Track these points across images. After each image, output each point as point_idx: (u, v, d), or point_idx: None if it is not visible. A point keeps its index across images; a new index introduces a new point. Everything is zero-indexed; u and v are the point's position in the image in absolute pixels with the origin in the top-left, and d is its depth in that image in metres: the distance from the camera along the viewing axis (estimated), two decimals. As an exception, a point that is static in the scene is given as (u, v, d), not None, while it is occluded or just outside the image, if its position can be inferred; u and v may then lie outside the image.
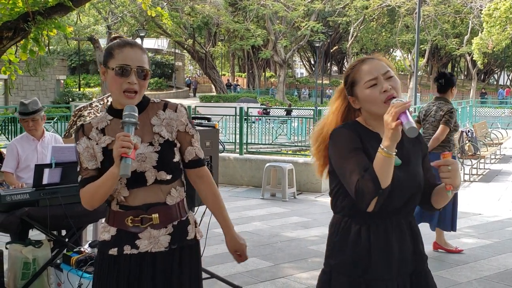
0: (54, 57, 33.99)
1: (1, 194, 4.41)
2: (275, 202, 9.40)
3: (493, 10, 29.54)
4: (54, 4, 9.03)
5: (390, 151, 2.06)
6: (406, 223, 2.26)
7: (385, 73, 2.22)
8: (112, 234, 2.42)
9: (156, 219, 2.38)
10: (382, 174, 2.08)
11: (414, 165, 2.26)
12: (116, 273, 2.39)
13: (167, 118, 2.43)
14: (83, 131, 2.42)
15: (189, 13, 40.55)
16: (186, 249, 2.47)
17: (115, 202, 2.41)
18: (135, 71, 2.34)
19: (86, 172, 2.39)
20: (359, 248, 2.20)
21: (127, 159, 2.15)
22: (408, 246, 2.24)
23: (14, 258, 4.68)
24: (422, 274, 2.26)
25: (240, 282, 5.19)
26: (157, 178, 2.37)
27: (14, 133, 10.15)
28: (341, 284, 2.23)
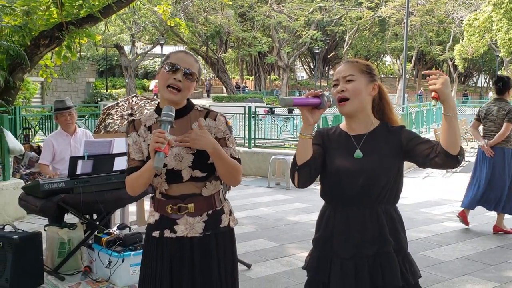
0: (84, 62, 34.02)
1: (40, 183, 4.45)
2: (279, 190, 9.39)
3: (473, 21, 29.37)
4: (85, 15, 9.07)
5: (304, 133, 2.17)
6: (370, 210, 2.23)
7: (345, 77, 2.26)
8: (156, 219, 2.45)
9: (191, 208, 2.40)
10: (298, 152, 2.21)
11: (377, 157, 2.22)
12: (160, 253, 2.42)
13: (206, 125, 2.40)
14: (134, 126, 2.44)
15: (203, 23, 40.45)
16: (220, 235, 2.45)
17: (159, 191, 2.44)
18: (182, 71, 2.34)
19: (132, 162, 2.42)
20: (328, 229, 2.30)
21: (160, 153, 2.15)
22: (369, 231, 2.22)
23: (51, 239, 4.72)
24: (385, 257, 2.21)
25: (249, 260, 5.20)
26: (192, 175, 2.38)
27: (50, 129, 10.17)
28: (314, 259, 2.35)
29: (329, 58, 59.46)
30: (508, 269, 5.11)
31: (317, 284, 2.32)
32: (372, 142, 2.26)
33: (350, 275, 2.21)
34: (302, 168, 2.21)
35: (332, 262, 2.26)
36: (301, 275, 4.87)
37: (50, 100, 27.91)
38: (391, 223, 2.26)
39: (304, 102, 2.13)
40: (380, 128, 2.30)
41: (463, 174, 11.61)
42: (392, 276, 2.19)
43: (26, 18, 8.78)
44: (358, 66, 2.29)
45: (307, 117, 2.14)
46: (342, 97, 2.24)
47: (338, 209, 2.29)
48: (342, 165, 2.25)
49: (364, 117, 2.30)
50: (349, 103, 2.24)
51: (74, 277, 4.55)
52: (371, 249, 2.22)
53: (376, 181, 2.21)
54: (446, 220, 7.11)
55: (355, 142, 2.28)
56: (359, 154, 2.25)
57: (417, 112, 15.07)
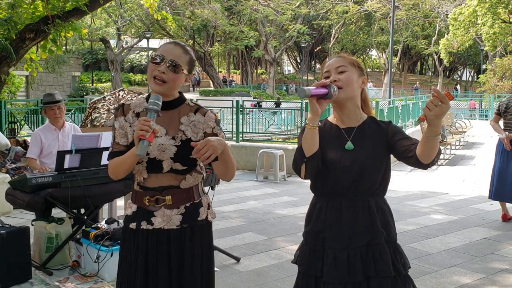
0: (69, 55, 33.65)
1: (27, 177, 4.40)
2: (267, 184, 9.40)
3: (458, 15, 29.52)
4: (71, 9, 8.96)
5: (312, 123, 2.19)
6: (362, 202, 2.27)
7: (337, 67, 2.31)
8: (133, 210, 2.44)
9: (169, 200, 2.38)
10: (305, 143, 2.21)
11: (368, 150, 2.27)
12: (136, 244, 2.41)
13: (195, 120, 2.40)
14: (123, 110, 2.43)
15: (190, 17, 40.25)
16: (197, 229, 2.44)
17: (136, 183, 2.43)
18: (167, 62, 2.31)
19: (117, 146, 2.40)
20: (319, 221, 2.31)
21: (144, 141, 2.14)
22: (361, 222, 2.25)
23: (39, 234, 4.68)
24: (376, 247, 2.24)
25: (238, 253, 5.20)
26: (172, 167, 2.37)
27: (36, 123, 10.07)
28: (305, 253, 2.36)
29: (316, 52, 59.52)
30: (495, 261, 5.17)
31: (309, 278, 2.33)
32: (362, 135, 2.31)
33: (342, 266, 2.22)
34: (311, 159, 2.22)
35: (324, 254, 2.27)
36: (290, 268, 4.88)
37: (35, 94, 27.64)
38: (382, 215, 2.30)
39: (317, 93, 2.16)
40: (368, 122, 2.36)
41: (449, 167, 11.72)
42: (384, 266, 2.22)
43: (12, 11, 8.65)
44: (349, 60, 2.34)
45: (316, 107, 2.17)
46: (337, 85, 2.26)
47: (330, 201, 2.31)
48: (335, 157, 2.28)
49: (354, 109, 2.34)
50: (343, 91, 2.27)
51: (62, 272, 4.51)
52: (363, 239, 2.25)
53: (368, 172, 2.25)
54: (432, 212, 7.17)
55: (346, 134, 2.32)
56: (350, 145, 2.29)
57: (403, 105, 15.14)
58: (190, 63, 2.41)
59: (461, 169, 11.42)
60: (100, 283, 4.29)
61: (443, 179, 10.10)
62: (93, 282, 4.30)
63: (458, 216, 6.98)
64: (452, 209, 7.41)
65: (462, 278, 4.67)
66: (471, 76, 64.67)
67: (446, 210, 7.37)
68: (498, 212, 6.99)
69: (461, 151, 14.48)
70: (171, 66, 2.32)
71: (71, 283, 4.30)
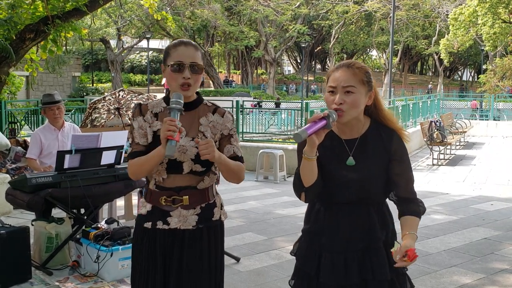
0: (70, 56, 33.66)
1: (27, 177, 4.40)
2: (267, 184, 9.40)
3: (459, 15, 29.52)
4: (71, 9, 8.96)
5: (309, 155, 2.11)
6: (362, 210, 2.23)
7: (345, 87, 2.16)
8: (148, 210, 2.44)
9: (186, 201, 2.39)
10: (304, 174, 2.16)
11: (369, 167, 2.21)
12: (150, 244, 2.40)
13: (214, 121, 2.42)
14: (140, 110, 2.42)
15: (190, 17, 40.29)
16: (212, 229, 2.46)
17: (153, 182, 2.42)
18: (189, 67, 2.32)
19: (136, 147, 2.39)
20: (318, 223, 2.29)
21: (172, 141, 2.16)
22: (360, 227, 2.22)
23: (39, 234, 4.68)
24: (374, 251, 2.22)
25: (238, 253, 5.20)
26: (192, 169, 2.37)
27: (36, 123, 10.07)
28: (303, 248, 2.36)
29: (316, 52, 59.52)
30: (495, 261, 5.17)
31: (303, 275, 2.34)
32: (364, 147, 2.24)
33: (340, 269, 2.22)
34: (310, 188, 2.18)
35: (320, 255, 2.27)
36: (290, 268, 4.86)
37: (35, 94, 27.64)
38: (382, 218, 2.27)
39: (316, 129, 2.05)
40: (371, 131, 2.27)
41: (449, 167, 11.72)
42: (380, 270, 2.21)
43: (12, 12, 8.65)
44: (359, 76, 2.18)
45: (313, 139, 2.06)
46: (339, 109, 2.15)
47: (328, 206, 2.28)
48: (335, 172, 2.22)
49: (357, 122, 2.25)
50: (347, 115, 2.16)
51: (62, 272, 4.52)
52: (361, 244, 2.23)
53: (369, 189, 2.21)
54: (433, 212, 7.17)
55: (348, 147, 2.25)
56: (352, 161, 2.22)
57: (403, 105, 15.15)
58: (203, 58, 2.44)
59: (461, 169, 11.42)
60: (100, 283, 4.29)
61: (443, 179, 10.10)
62: (93, 282, 4.31)
63: (458, 216, 6.98)
64: (452, 209, 7.41)
65: (462, 278, 4.67)
66: (472, 76, 64.67)
67: (446, 210, 7.37)
68: (498, 212, 6.99)
69: (462, 151, 14.48)
70: (193, 68, 2.33)
71: (71, 283, 4.30)
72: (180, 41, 2.41)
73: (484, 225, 6.54)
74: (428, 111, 18.74)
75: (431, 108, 19.52)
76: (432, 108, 19.66)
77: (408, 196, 2.27)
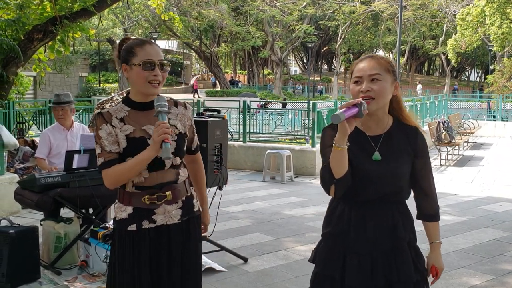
0: (77, 56, 33.78)
1: (36, 177, 4.42)
2: (274, 184, 9.39)
3: (466, 15, 29.43)
4: (78, 9, 9.00)
5: (340, 144, 2.06)
6: (386, 208, 2.22)
7: (371, 75, 2.15)
8: (129, 213, 2.41)
9: (169, 196, 2.42)
10: (334, 165, 2.10)
11: (395, 162, 2.20)
12: (137, 247, 2.39)
13: (180, 113, 2.50)
14: (104, 118, 2.39)
15: (196, 17, 40.29)
16: (193, 219, 2.53)
17: (131, 185, 2.40)
18: (158, 65, 2.38)
19: (110, 155, 2.36)
20: (341, 224, 2.25)
21: (167, 144, 2.23)
22: (385, 228, 2.20)
23: (48, 233, 4.69)
24: (399, 252, 2.21)
25: (246, 254, 5.20)
26: (173, 163, 2.42)
27: (44, 123, 10.10)
28: (325, 251, 2.31)
29: (322, 52, 59.46)
30: (504, 262, 5.14)
31: (324, 279, 2.28)
32: (389, 143, 2.23)
33: (366, 270, 2.19)
34: (340, 181, 2.13)
35: (344, 257, 2.23)
36: (298, 269, 4.88)
37: (43, 94, 27.77)
38: (405, 219, 2.27)
39: (350, 114, 2.02)
40: (395, 127, 2.27)
41: (457, 168, 11.67)
42: (405, 272, 2.19)
43: (20, 12, 8.70)
44: (384, 64, 2.18)
45: (345, 127, 2.03)
46: (367, 97, 2.13)
47: (352, 206, 2.24)
48: (361, 167, 2.18)
49: (382, 116, 2.24)
50: (374, 103, 2.15)
51: (71, 272, 4.53)
52: (386, 244, 2.21)
53: (394, 184, 2.21)
54: (441, 213, 7.09)
55: (373, 143, 2.23)
56: (378, 156, 2.21)
57: (411, 106, 15.11)
58: None
59: (469, 170, 11.37)
60: (108, 283, 4.30)
61: (451, 180, 10.06)
62: (102, 282, 4.31)
63: (466, 217, 6.95)
64: (460, 210, 7.38)
65: (471, 280, 4.65)
66: (479, 77, 64.41)
67: (454, 211, 7.34)
68: (507, 213, 6.96)
69: (470, 152, 14.42)
70: (162, 67, 2.40)
71: (80, 282, 4.31)
72: (143, 40, 2.45)
73: (493, 226, 6.51)
74: (436, 111, 18.68)
75: (439, 108, 19.45)
76: (439, 108, 19.60)
77: (428, 193, 2.34)
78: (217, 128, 4.81)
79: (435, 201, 2.36)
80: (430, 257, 2.36)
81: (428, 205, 2.35)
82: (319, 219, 6.96)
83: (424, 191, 2.33)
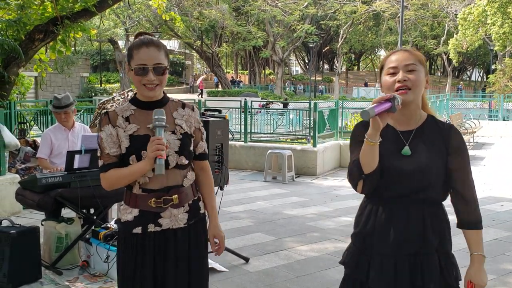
0: (78, 56, 33.84)
1: (37, 178, 4.43)
2: (276, 184, 9.39)
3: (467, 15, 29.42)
4: (80, 10, 9.00)
5: (372, 139, 2.03)
6: (416, 209, 2.13)
7: (406, 65, 2.13)
8: (134, 215, 2.38)
9: (176, 199, 2.38)
10: (365, 160, 2.07)
11: (424, 157, 2.12)
12: (142, 249, 2.36)
13: (186, 115, 2.47)
14: (109, 118, 2.38)
15: (198, 18, 40.33)
16: (199, 222, 2.50)
17: (137, 186, 2.37)
18: (152, 69, 2.31)
19: (108, 158, 2.35)
20: (369, 225, 2.19)
21: (161, 160, 2.20)
22: (412, 230, 2.11)
23: (49, 233, 4.70)
24: (425, 257, 2.11)
25: (247, 253, 5.20)
26: (178, 162, 2.38)
27: (45, 124, 10.10)
28: (353, 251, 2.26)
29: (324, 52, 59.44)
30: (505, 262, 5.13)
31: (354, 282, 2.24)
32: (421, 139, 2.16)
33: (389, 273, 2.12)
34: (370, 176, 2.09)
35: (371, 258, 2.17)
36: (299, 269, 4.88)
37: (44, 95, 27.77)
38: (437, 223, 2.16)
39: (381, 110, 1.99)
40: (428, 123, 2.20)
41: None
42: (431, 278, 2.11)
43: (21, 12, 8.70)
44: (418, 56, 2.17)
45: (378, 122, 2.00)
46: (404, 86, 2.11)
47: (380, 206, 2.18)
48: (389, 162, 2.13)
49: (416, 110, 2.19)
50: (411, 93, 2.11)
51: (72, 272, 4.54)
52: (412, 247, 2.12)
53: (424, 180, 2.11)
54: (442, 213, 7.13)
55: (403, 138, 2.17)
56: (408, 151, 2.14)
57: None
58: (167, 55, 2.40)
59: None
60: (109, 283, 4.30)
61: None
62: (103, 282, 4.32)
63: (468, 217, 6.93)
64: (462, 210, 7.36)
65: (472, 279, 4.63)
66: (481, 77, 64.36)
67: (456, 210, 7.32)
68: (508, 213, 6.95)
69: (471, 152, 14.40)
70: (157, 70, 2.33)
71: (81, 282, 4.32)
72: (141, 41, 2.35)
73: (495, 226, 6.50)
74: (437, 111, 18.66)
75: (440, 108, 19.44)
76: (441, 108, 19.58)
77: (466, 197, 2.18)
78: (218, 128, 4.82)
79: (474, 207, 2.20)
80: (468, 271, 2.21)
81: (466, 211, 2.19)
82: (321, 219, 6.98)
83: (461, 194, 2.18)
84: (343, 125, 12.84)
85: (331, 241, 5.84)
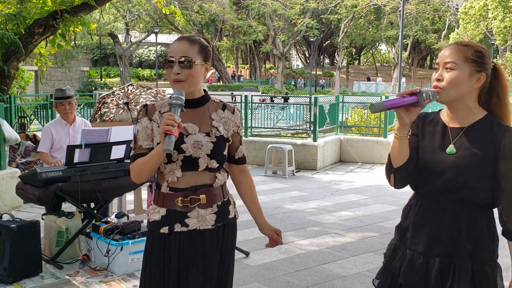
0: (78, 50, 33.83)
1: (37, 172, 4.43)
2: (276, 179, 9.41)
3: (469, 9, 29.39)
4: (79, 4, 8.98)
5: (399, 133, 2.01)
6: (452, 211, 2.05)
7: (446, 62, 2.04)
8: (162, 215, 2.34)
9: (203, 199, 2.32)
10: (393, 154, 2.07)
11: (468, 156, 2.02)
12: (168, 249, 2.32)
13: (225, 117, 2.40)
14: (146, 111, 2.35)
15: (198, 11, 40.29)
16: (228, 227, 2.44)
17: (166, 185, 2.33)
18: (177, 62, 2.27)
19: (139, 149, 2.32)
20: (408, 219, 2.18)
21: (171, 136, 2.09)
22: (446, 231, 2.05)
23: (49, 228, 4.71)
24: (458, 261, 2.02)
25: (247, 248, 5.21)
26: (208, 165, 2.32)
27: (45, 118, 10.11)
28: (392, 244, 2.26)
29: (325, 46, 59.38)
30: (505, 256, 5.13)
31: (389, 273, 2.23)
32: (469, 138, 2.06)
33: (419, 271, 2.08)
34: (398, 170, 2.08)
35: (405, 254, 2.15)
36: (299, 263, 4.89)
37: (44, 89, 27.79)
38: (474, 229, 2.05)
39: (398, 103, 1.94)
40: (483, 122, 2.08)
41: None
42: (459, 283, 2.02)
43: (20, 6, 8.69)
44: (464, 53, 2.03)
45: (402, 116, 1.96)
46: (436, 87, 2.05)
47: (419, 201, 2.14)
48: (433, 159, 2.08)
49: (464, 109, 2.08)
50: (443, 93, 2.03)
51: (73, 266, 4.55)
52: (445, 249, 2.05)
53: (457, 180, 2.02)
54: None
55: (451, 135, 2.09)
56: (453, 150, 2.06)
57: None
58: (202, 51, 2.34)
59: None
60: (110, 277, 4.32)
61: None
62: (103, 276, 4.34)
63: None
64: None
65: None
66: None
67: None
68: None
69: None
70: (183, 63, 2.28)
71: (81, 276, 4.33)
72: (180, 36, 2.37)
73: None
74: (438, 106, 18.65)
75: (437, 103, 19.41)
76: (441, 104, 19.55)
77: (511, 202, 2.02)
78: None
79: None
80: (510, 285, 2.08)
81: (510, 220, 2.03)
82: (321, 213, 6.99)
83: (506, 201, 2.02)
84: (343, 120, 12.84)
85: (331, 235, 5.85)
